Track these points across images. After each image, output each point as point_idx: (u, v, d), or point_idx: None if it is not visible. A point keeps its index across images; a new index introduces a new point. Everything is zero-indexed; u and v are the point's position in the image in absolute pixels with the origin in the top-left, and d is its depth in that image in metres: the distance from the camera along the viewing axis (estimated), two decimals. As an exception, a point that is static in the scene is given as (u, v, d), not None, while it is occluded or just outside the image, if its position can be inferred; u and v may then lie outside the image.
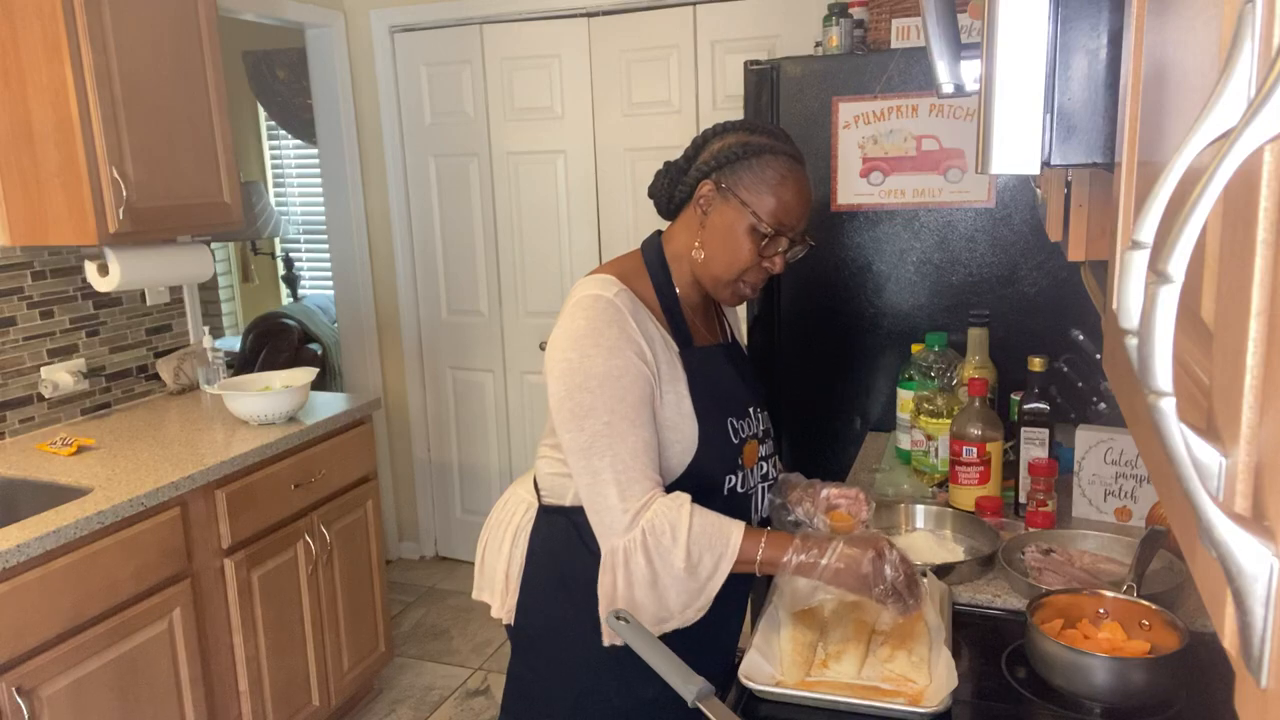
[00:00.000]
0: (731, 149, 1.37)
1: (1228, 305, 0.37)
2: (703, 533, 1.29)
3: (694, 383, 1.39)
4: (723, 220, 1.38)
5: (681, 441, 1.37)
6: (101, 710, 2.02)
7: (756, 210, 1.35)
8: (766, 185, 1.35)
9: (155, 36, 2.47)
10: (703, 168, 1.39)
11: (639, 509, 1.30)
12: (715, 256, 1.39)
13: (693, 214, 1.42)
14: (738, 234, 1.37)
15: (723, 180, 1.37)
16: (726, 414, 1.43)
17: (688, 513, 1.29)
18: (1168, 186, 0.34)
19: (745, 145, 1.37)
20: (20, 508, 2.17)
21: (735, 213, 1.36)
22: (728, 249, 1.38)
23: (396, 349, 3.99)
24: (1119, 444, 1.75)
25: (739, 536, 1.29)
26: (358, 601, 2.87)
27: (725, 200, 1.37)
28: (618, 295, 1.36)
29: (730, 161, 1.37)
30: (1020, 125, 0.67)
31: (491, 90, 3.63)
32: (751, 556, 1.29)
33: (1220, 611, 0.36)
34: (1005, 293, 2.37)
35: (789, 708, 1.26)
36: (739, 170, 1.36)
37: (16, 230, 2.43)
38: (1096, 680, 1.22)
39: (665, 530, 1.28)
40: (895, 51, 2.37)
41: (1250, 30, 0.31)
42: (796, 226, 1.39)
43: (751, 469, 1.47)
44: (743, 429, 1.45)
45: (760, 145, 1.37)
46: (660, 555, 1.29)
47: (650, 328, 1.37)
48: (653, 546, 1.29)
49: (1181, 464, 0.33)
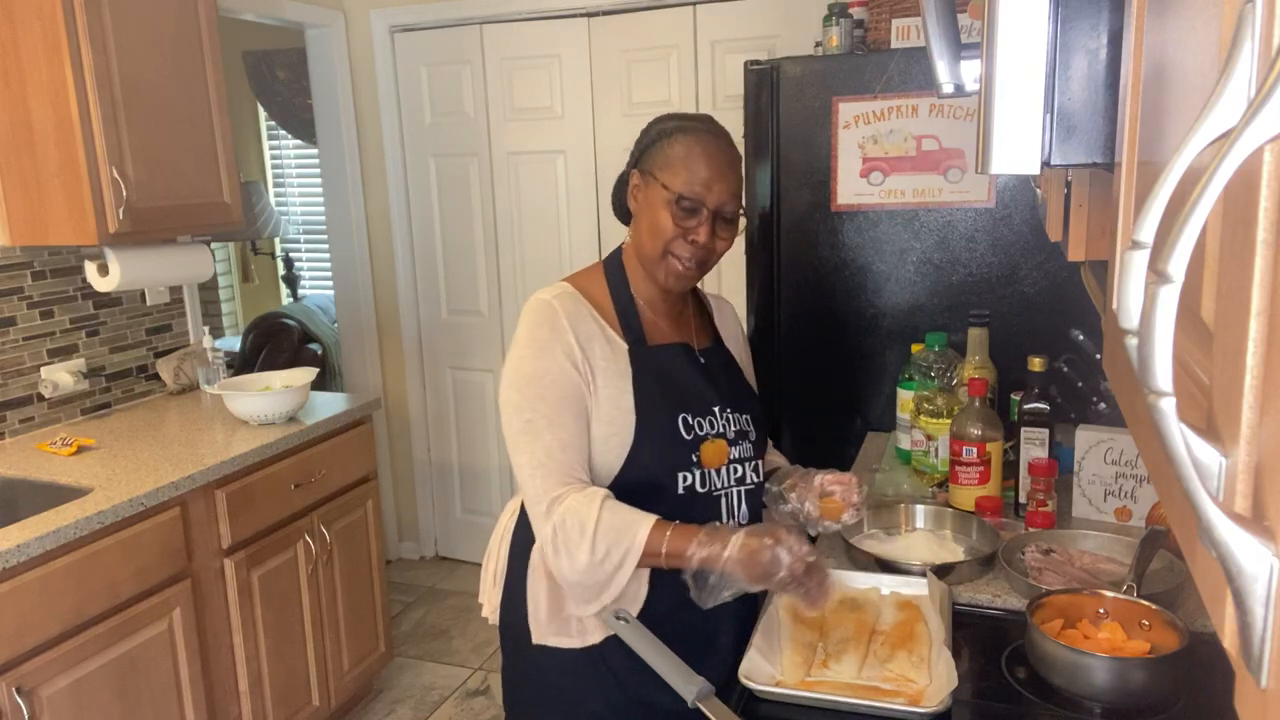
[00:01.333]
0: (646, 136, 1.46)
1: (1228, 305, 0.37)
2: (610, 527, 1.30)
3: (640, 378, 1.42)
4: (647, 200, 1.44)
5: (618, 435, 1.39)
6: (101, 710, 2.02)
7: (668, 184, 1.40)
8: (677, 159, 1.41)
9: (155, 36, 2.47)
10: (630, 161, 1.48)
11: (550, 504, 1.33)
12: (643, 236, 1.44)
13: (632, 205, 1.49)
14: (657, 209, 1.42)
15: (643, 165, 1.44)
16: (678, 411, 1.43)
17: (598, 507, 1.30)
18: (1168, 186, 0.34)
19: (659, 129, 1.45)
20: (20, 508, 2.17)
21: (655, 191, 1.42)
22: (650, 226, 1.43)
23: (396, 349, 3.99)
24: (1119, 444, 1.75)
25: (645, 530, 1.30)
26: (358, 601, 2.87)
27: (648, 184, 1.43)
28: (557, 297, 1.43)
29: (647, 148, 1.45)
30: (1020, 125, 0.67)
31: (491, 90, 3.63)
32: (657, 549, 1.29)
33: (1220, 611, 0.36)
34: (1005, 293, 2.37)
35: (789, 708, 1.26)
36: (653, 153, 1.43)
37: (16, 230, 2.43)
38: (1096, 680, 1.22)
39: (574, 525, 1.30)
40: (895, 51, 2.37)
41: (1250, 30, 0.31)
42: (713, 192, 1.41)
43: (717, 470, 1.45)
44: (700, 427, 1.44)
45: (669, 127, 1.44)
46: (568, 550, 1.31)
47: (590, 326, 1.42)
48: (561, 539, 1.31)
49: (1181, 464, 0.33)
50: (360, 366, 3.99)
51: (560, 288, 1.46)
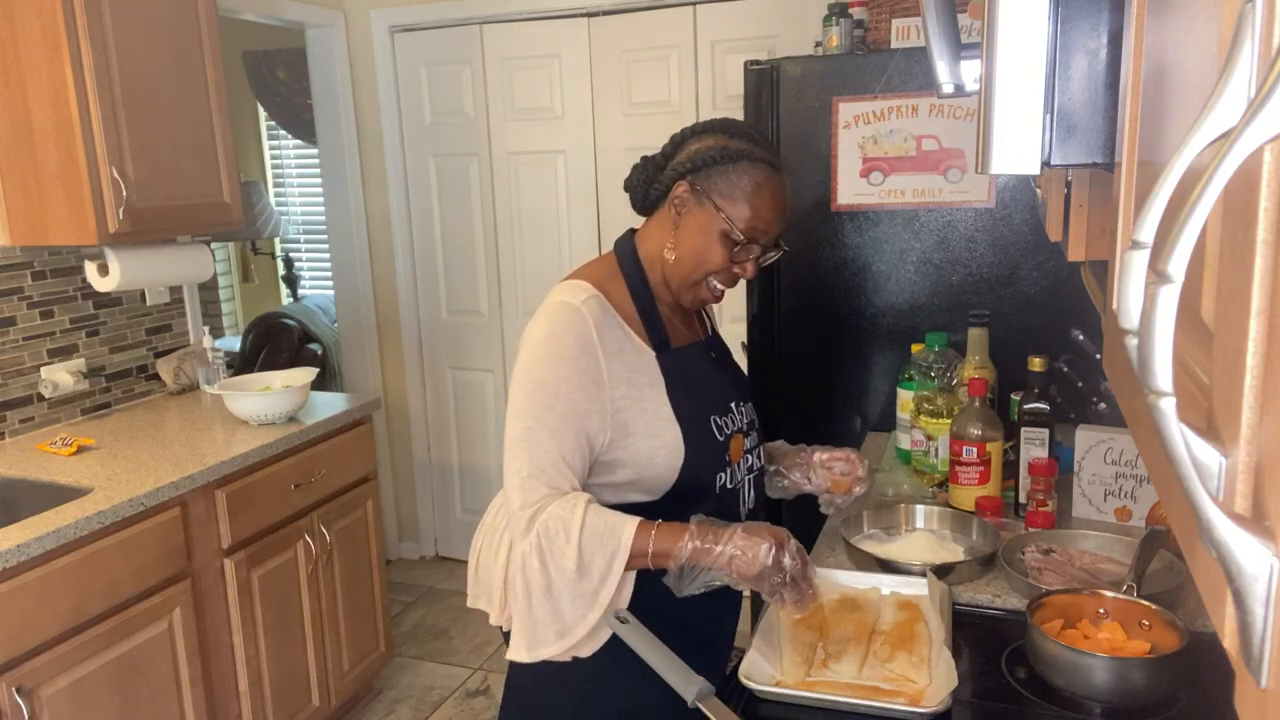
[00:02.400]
0: (709, 152, 1.36)
1: (1228, 305, 0.37)
2: (594, 531, 1.27)
3: (672, 386, 1.38)
4: (696, 223, 1.36)
5: (666, 447, 1.36)
6: (101, 710, 2.02)
7: (730, 216, 1.34)
8: (741, 192, 1.34)
9: (155, 36, 2.47)
10: (679, 168, 1.38)
11: (534, 511, 1.29)
12: (685, 257, 1.38)
13: (667, 214, 1.40)
14: (710, 238, 1.36)
15: (698, 183, 1.36)
16: (709, 412, 1.42)
17: (581, 512, 1.28)
18: (1168, 186, 0.34)
19: (723, 150, 1.35)
20: (20, 508, 2.17)
21: (709, 217, 1.35)
22: (698, 251, 1.37)
23: (396, 349, 3.99)
24: (1119, 444, 1.75)
25: (630, 532, 1.27)
26: (358, 601, 2.87)
27: (700, 203, 1.36)
28: (585, 303, 1.35)
29: (707, 165, 1.35)
30: (1020, 125, 0.67)
31: (491, 90, 3.63)
32: (644, 549, 1.27)
33: (1220, 611, 0.36)
34: (1005, 293, 2.37)
35: (789, 708, 1.26)
36: (714, 175, 1.35)
37: (16, 230, 2.43)
38: (1096, 680, 1.22)
39: (559, 531, 1.27)
40: (895, 51, 2.37)
41: (1250, 30, 0.31)
42: (769, 233, 1.38)
43: (738, 464, 1.46)
44: (727, 425, 1.44)
45: (738, 150, 1.35)
46: (553, 557, 1.28)
47: (619, 336, 1.36)
48: (546, 549, 1.28)
49: (1181, 464, 0.33)
50: (360, 366, 3.99)
51: (584, 291, 1.37)
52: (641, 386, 1.36)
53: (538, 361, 1.33)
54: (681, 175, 1.37)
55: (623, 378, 1.34)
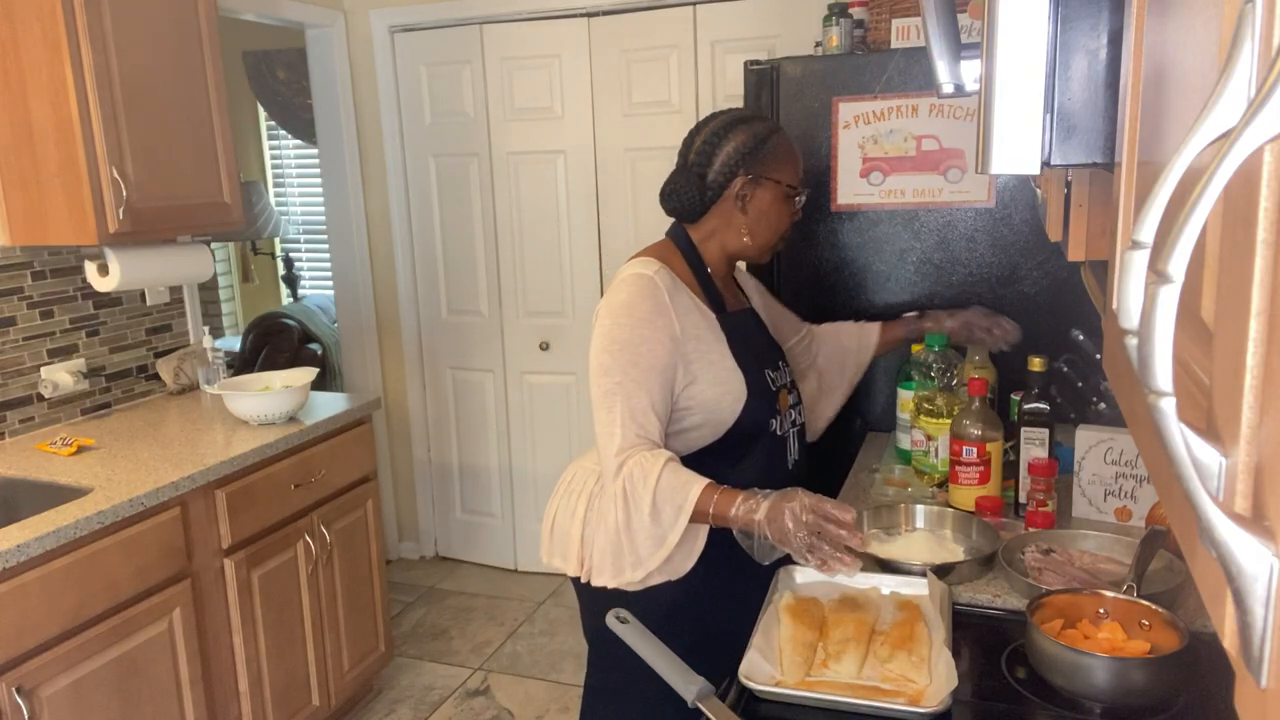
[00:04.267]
0: (748, 145, 1.61)
1: (1228, 305, 0.37)
2: (668, 485, 1.46)
3: (733, 342, 1.62)
4: (763, 202, 1.63)
5: (732, 393, 1.58)
6: (101, 710, 2.02)
7: (784, 180, 1.63)
8: (783, 159, 1.64)
9: (155, 36, 2.47)
10: (728, 169, 1.61)
11: (625, 458, 1.49)
12: (763, 231, 1.65)
13: (728, 207, 1.64)
14: (779, 207, 1.64)
15: (751, 171, 1.61)
16: (763, 366, 1.66)
17: (659, 466, 1.47)
18: (1168, 186, 0.34)
19: (755, 136, 1.62)
20: (20, 508, 2.17)
21: (772, 192, 1.63)
22: (773, 222, 1.65)
23: (396, 349, 3.99)
24: (1119, 444, 1.75)
25: (697, 490, 1.45)
26: (358, 601, 2.87)
27: (761, 185, 1.62)
28: (657, 273, 1.57)
29: (752, 153, 1.61)
30: (1020, 125, 0.67)
31: (491, 90, 3.63)
32: (705, 508, 1.45)
33: (1220, 611, 0.36)
34: (1005, 293, 2.37)
35: (789, 708, 1.26)
36: (762, 158, 1.62)
37: (16, 230, 2.43)
38: (1096, 680, 1.22)
39: (640, 479, 1.47)
40: (895, 51, 2.37)
41: (1250, 30, 0.31)
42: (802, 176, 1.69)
43: (785, 413, 1.69)
44: (776, 379, 1.69)
45: (763, 131, 1.63)
46: (634, 500, 1.48)
47: (687, 301, 1.59)
48: (629, 491, 1.49)
49: (1181, 464, 0.33)
50: (360, 366, 3.99)
51: (655, 264, 1.59)
52: (709, 342, 1.59)
53: (619, 325, 1.53)
54: (734, 173, 1.61)
55: (692, 334, 1.57)
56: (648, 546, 1.51)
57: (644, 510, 1.47)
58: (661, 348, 1.52)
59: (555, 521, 1.74)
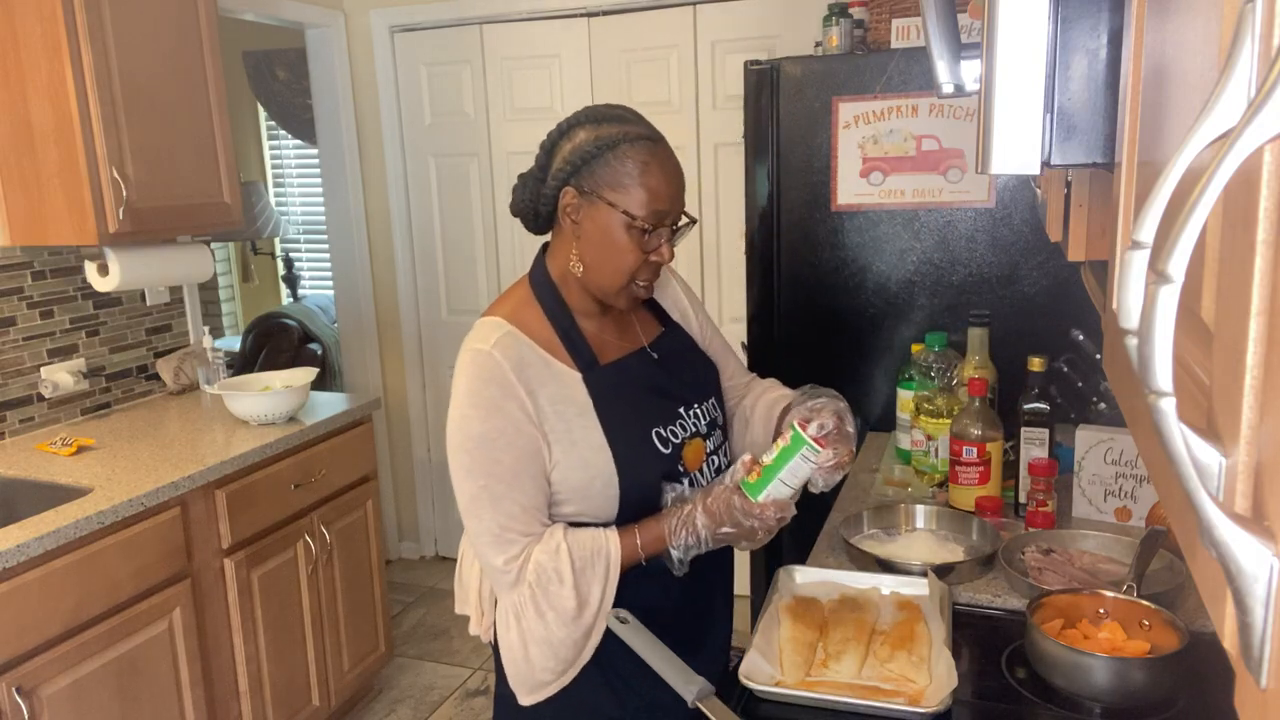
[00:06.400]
0: (584, 148, 1.26)
1: (1228, 305, 0.37)
2: (583, 561, 1.27)
3: (603, 407, 1.32)
4: (595, 226, 1.28)
5: (600, 476, 1.31)
6: (101, 710, 2.02)
7: (627, 208, 1.25)
8: (630, 177, 1.25)
9: (155, 36, 2.47)
10: (560, 175, 1.28)
11: (520, 565, 1.29)
12: (598, 265, 1.30)
13: (565, 224, 1.32)
14: (615, 236, 1.27)
15: (583, 184, 1.27)
16: (650, 426, 1.35)
17: (565, 550, 1.27)
18: (1168, 186, 0.34)
19: (597, 140, 1.26)
20: (20, 508, 2.17)
21: (606, 215, 1.26)
22: (608, 254, 1.28)
23: (396, 349, 3.99)
24: (1119, 444, 1.75)
25: (615, 546, 1.28)
26: (358, 601, 2.87)
27: (592, 204, 1.27)
28: (497, 345, 1.29)
29: (586, 162, 1.26)
30: (1020, 125, 0.67)
31: (491, 90, 3.63)
32: (634, 553, 1.29)
33: (1220, 611, 0.36)
34: (1005, 293, 2.37)
35: (789, 708, 1.26)
36: (597, 169, 1.26)
37: (16, 230, 2.43)
38: (1096, 680, 1.22)
39: (551, 576, 1.27)
40: (895, 51, 2.37)
41: (1250, 30, 0.31)
42: (673, 210, 1.28)
43: (698, 471, 1.39)
44: (675, 434, 1.37)
45: (612, 136, 1.26)
46: (550, 604, 1.28)
47: (538, 370, 1.30)
48: (541, 598, 1.28)
49: (1181, 464, 0.33)
50: (360, 366, 3.99)
51: (497, 330, 1.31)
52: (569, 418, 1.30)
53: (468, 418, 1.29)
54: (564, 181, 1.28)
55: (549, 412, 1.29)
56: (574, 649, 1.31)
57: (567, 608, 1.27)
58: (521, 437, 1.27)
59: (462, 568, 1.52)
